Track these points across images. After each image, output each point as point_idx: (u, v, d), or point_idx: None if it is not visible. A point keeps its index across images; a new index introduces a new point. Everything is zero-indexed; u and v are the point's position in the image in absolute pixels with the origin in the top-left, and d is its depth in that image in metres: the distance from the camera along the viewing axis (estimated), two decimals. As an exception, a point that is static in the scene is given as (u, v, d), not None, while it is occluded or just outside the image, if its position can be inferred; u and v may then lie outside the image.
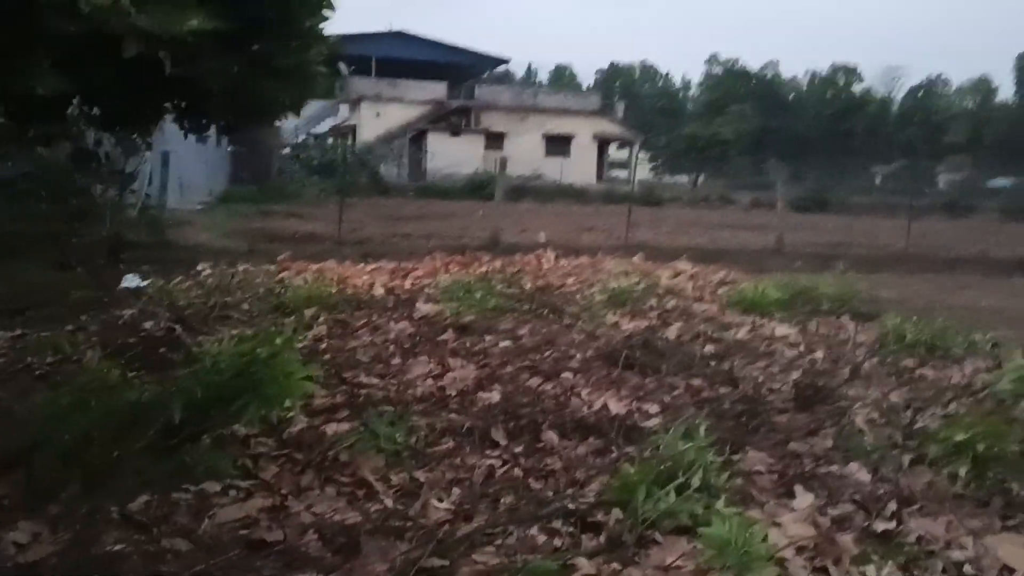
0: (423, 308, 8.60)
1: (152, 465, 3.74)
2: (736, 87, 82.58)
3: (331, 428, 4.76)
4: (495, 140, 50.31)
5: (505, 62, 63.68)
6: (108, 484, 3.15)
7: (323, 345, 6.93)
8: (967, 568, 3.35)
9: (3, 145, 10.35)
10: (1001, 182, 54.64)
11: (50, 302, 7.81)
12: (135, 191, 15.19)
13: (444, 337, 7.43)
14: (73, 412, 3.64)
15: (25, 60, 5.82)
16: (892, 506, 4.03)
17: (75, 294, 8.11)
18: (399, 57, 51.87)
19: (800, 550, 3.39)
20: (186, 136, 9.22)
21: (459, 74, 54.62)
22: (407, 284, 10.36)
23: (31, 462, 3.40)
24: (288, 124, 34.35)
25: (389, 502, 3.92)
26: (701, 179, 53.75)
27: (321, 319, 7.89)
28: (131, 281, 9.11)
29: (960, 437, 4.27)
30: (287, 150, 42.95)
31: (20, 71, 5.71)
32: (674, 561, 3.23)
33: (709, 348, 7.53)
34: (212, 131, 9.67)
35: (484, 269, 11.20)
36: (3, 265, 9.38)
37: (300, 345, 6.22)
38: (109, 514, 3.36)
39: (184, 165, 22.10)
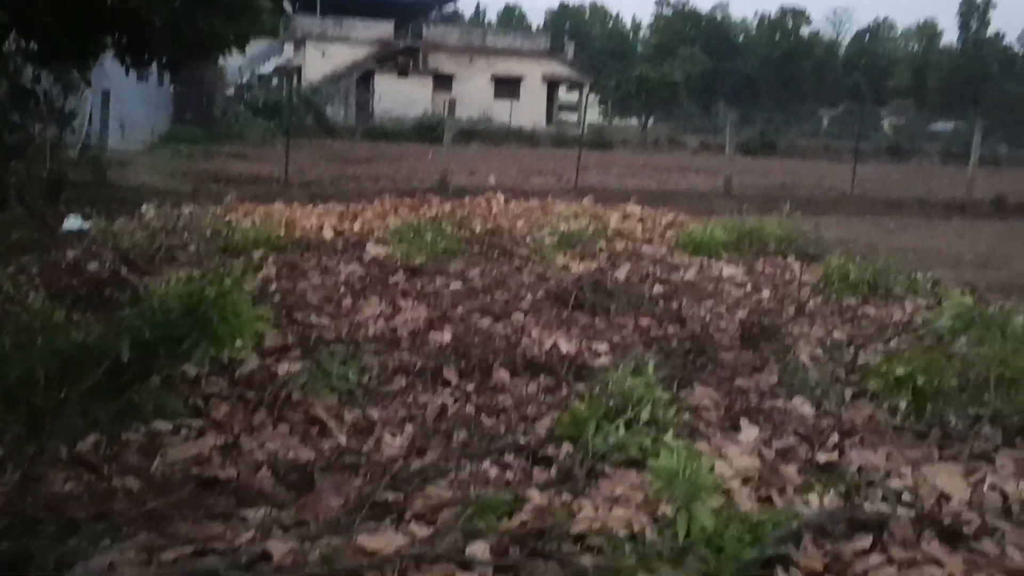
0: (373, 250, 8.56)
1: (100, 406, 3.70)
2: (685, 29, 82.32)
3: (283, 368, 4.75)
4: (443, 82, 49.67)
5: (453, 1, 62.72)
6: (55, 425, 3.11)
7: (272, 286, 6.88)
8: (905, 496, 3.46)
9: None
10: (943, 126, 55.41)
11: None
12: (75, 130, 14.78)
13: (395, 279, 7.41)
14: (17, 353, 3.58)
15: None
16: (834, 438, 4.15)
17: (15, 235, 7.92)
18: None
19: (745, 481, 3.48)
20: (127, 72, 8.95)
21: (406, 13, 53.63)
22: (356, 227, 10.28)
23: None
24: (232, 64, 33.62)
25: (342, 439, 3.94)
26: (651, 122, 53.70)
27: (270, 261, 7.82)
28: (73, 222, 8.91)
29: (900, 372, 4.39)
30: (231, 90, 42.01)
31: None
32: (623, 492, 3.29)
33: (658, 289, 7.61)
34: (154, 69, 9.40)
35: (434, 212, 11.15)
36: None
37: (249, 286, 6.17)
38: (57, 455, 3.33)
39: (126, 104, 21.56)
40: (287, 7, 15.56)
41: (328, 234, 9.61)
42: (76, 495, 3.14)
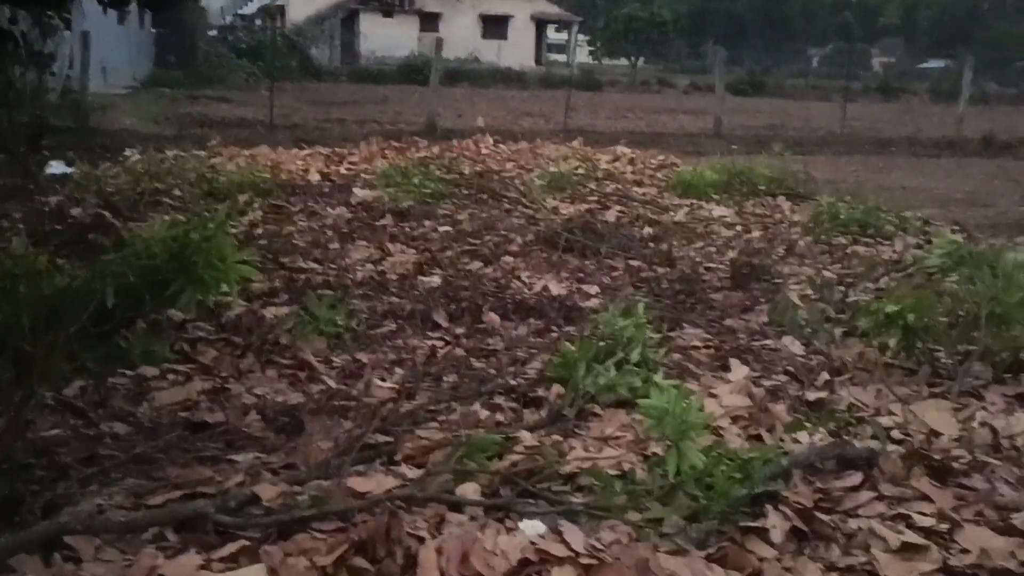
0: (360, 194, 8.48)
1: (86, 351, 3.67)
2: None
3: (270, 312, 4.72)
4: (430, 21, 48.98)
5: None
6: (42, 370, 3.08)
7: (259, 231, 6.81)
8: (895, 433, 3.47)
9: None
10: (934, 64, 55.09)
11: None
12: (55, 74, 14.53)
13: (383, 222, 7.36)
14: (1, 299, 3.53)
15: None
16: (824, 377, 4.16)
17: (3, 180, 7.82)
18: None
19: (735, 419, 3.48)
20: (105, 11, 8.76)
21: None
22: (343, 170, 10.19)
23: None
24: (215, 5, 33.05)
25: (331, 383, 3.92)
26: (640, 62, 53.21)
27: (256, 205, 7.74)
28: (56, 167, 8.80)
29: (890, 310, 4.37)
30: (214, 32, 41.34)
31: None
32: (614, 432, 3.29)
33: (647, 230, 7.58)
34: (134, 10, 9.20)
35: (421, 155, 11.02)
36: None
37: (235, 231, 6.10)
38: (44, 400, 3.31)
39: (106, 47, 21.16)
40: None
41: (314, 178, 9.52)
42: (64, 440, 3.12)
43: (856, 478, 3.02)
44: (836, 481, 3.01)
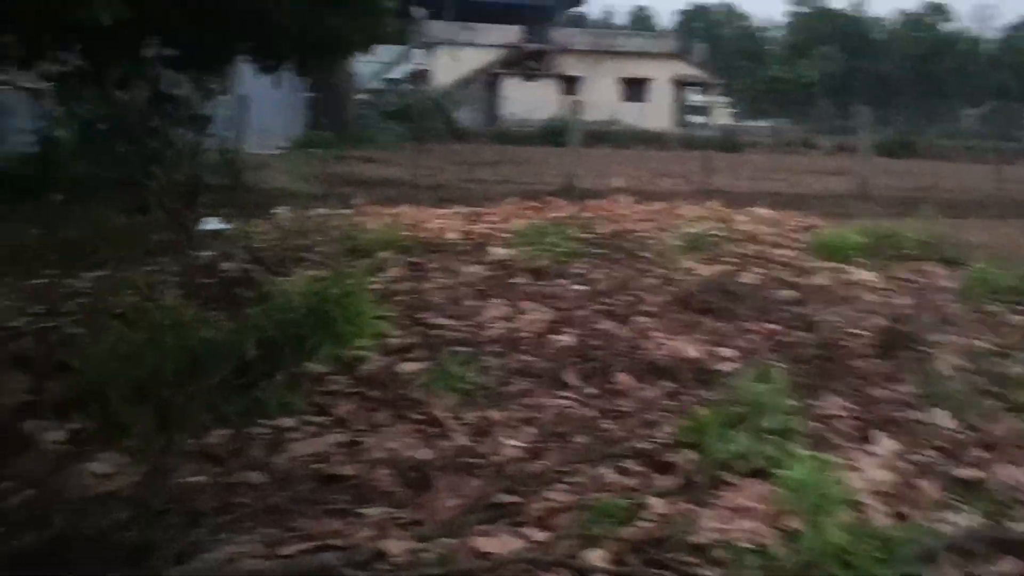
0: (497, 252, 8.57)
1: (226, 401, 3.80)
2: (821, 27, 80.00)
3: (404, 367, 4.78)
4: (571, 84, 49.72)
5: (581, 4, 62.72)
6: (183, 418, 3.20)
7: (397, 287, 6.96)
8: (1056, 517, 3.22)
9: (82, 87, 10.52)
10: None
11: (130, 243, 7.98)
12: (213, 135, 15.38)
13: (517, 280, 7.40)
14: (149, 349, 3.70)
15: None
16: (977, 453, 3.91)
17: (154, 236, 8.27)
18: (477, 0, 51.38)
19: (879, 495, 3.30)
20: (259, 76, 9.26)
21: (533, 17, 53.91)
22: (481, 229, 10.33)
23: (107, 396, 3.47)
24: (364, 69, 34.38)
25: (461, 440, 3.92)
26: (783, 123, 52.46)
27: (395, 262, 7.92)
28: (210, 223, 9.25)
29: (1051, 383, 4.10)
30: (363, 96, 43.02)
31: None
32: (748, 502, 3.17)
33: (787, 293, 7.37)
34: (287, 75, 9.68)
35: (558, 214, 11.10)
36: (84, 207, 9.60)
37: (374, 286, 6.26)
38: (184, 447, 3.43)
39: (261, 110, 22.27)
40: (415, 13, 15.87)
41: (453, 236, 9.69)
42: (200, 488, 3.22)
43: (1013, 564, 2.81)
44: (990, 567, 2.80)
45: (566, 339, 5.61)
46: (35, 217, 9.18)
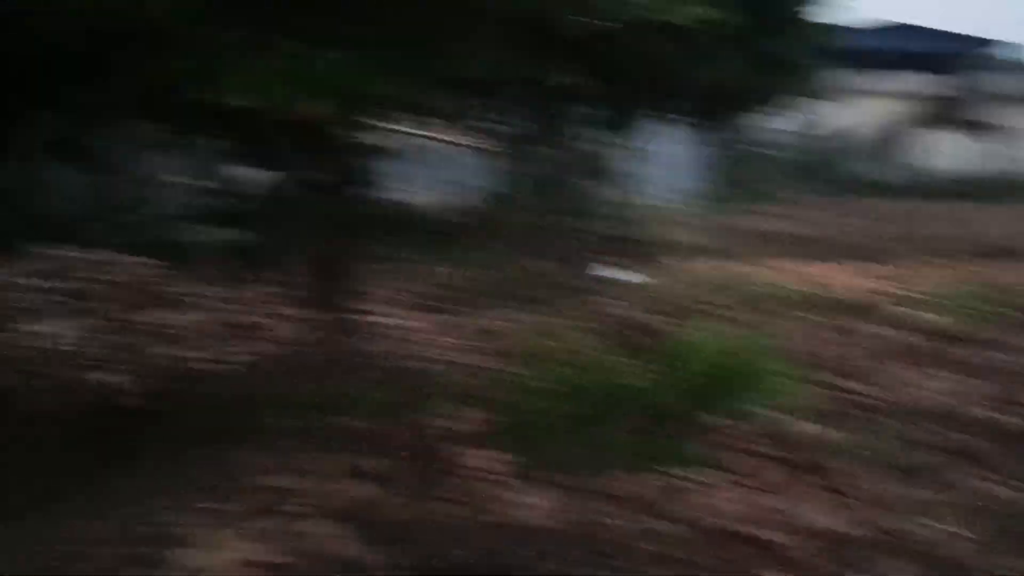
0: (920, 316, 7.87)
1: (637, 446, 3.75)
2: None
3: (814, 430, 4.45)
4: (996, 133, 45.34)
5: (1007, 47, 57.14)
6: (604, 459, 3.23)
7: (807, 347, 6.57)
8: None
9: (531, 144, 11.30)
10: None
11: (539, 288, 8.30)
12: (622, 188, 15.88)
13: (942, 347, 6.70)
14: (575, 390, 3.80)
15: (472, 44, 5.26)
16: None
17: (567, 283, 8.56)
18: (886, 48, 48.72)
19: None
20: (662, 131, 9.37)
21: (953, 62, 49.94)
22: (897, 289, 9.58)
23: (535, 430, 3.60)
24: (764, 123, 33.87)
25: (891, 520, 3.51)
26: None
27: (805, 320, 7.52)
28: (615, 273, 9.45)
29: None
30: (763, 150, 42.37)
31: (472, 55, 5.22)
32: None
33: None
34: (684, 129, 9.71)
35: (994, 279, 9.95)
36: (503, 254, 10.20)
37: (782, 344, 5.94)
38: (595, 486, 3.42)
39: (663, 163, 22.65)
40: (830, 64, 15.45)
41: (868, 295, 9.06)
42: (613, 528, 3.15)
43: None
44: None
45: (1010, 419, 4.92)
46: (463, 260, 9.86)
